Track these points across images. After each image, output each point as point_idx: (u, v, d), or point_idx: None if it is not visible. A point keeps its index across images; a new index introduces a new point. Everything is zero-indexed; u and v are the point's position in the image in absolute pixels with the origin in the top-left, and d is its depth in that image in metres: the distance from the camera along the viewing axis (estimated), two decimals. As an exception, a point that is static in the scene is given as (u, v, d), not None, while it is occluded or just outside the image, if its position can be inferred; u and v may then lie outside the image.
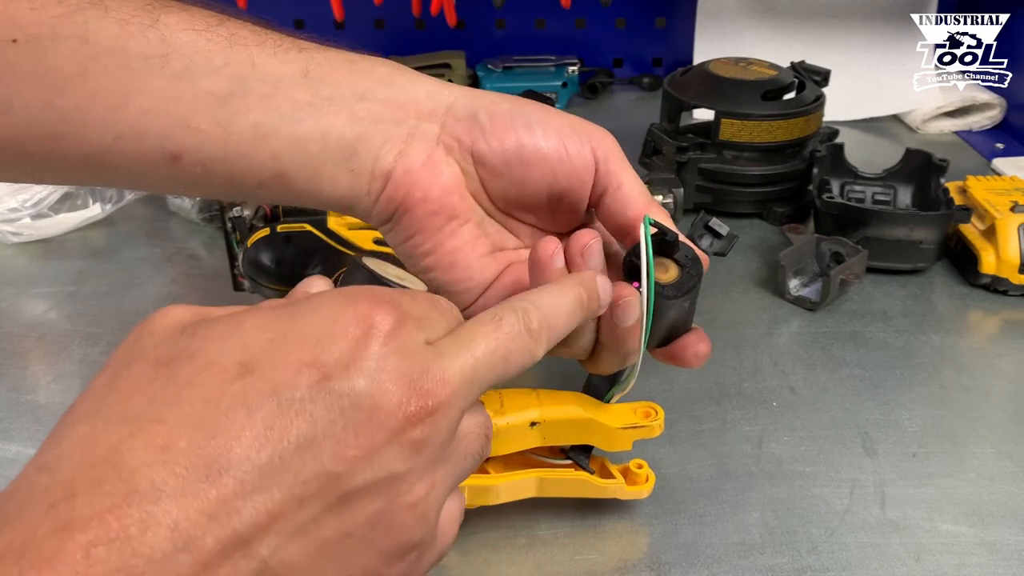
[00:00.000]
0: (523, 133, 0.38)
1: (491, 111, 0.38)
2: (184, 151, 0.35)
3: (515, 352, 0.29)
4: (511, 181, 0.39)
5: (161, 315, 0.27)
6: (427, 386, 0.26)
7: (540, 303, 0.31)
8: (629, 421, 0.43)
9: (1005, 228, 0.66)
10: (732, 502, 0.47)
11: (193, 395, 0.24)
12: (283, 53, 0.36)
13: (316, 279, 0.32)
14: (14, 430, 0.52)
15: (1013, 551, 0.44)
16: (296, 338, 0.25)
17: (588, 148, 0.39)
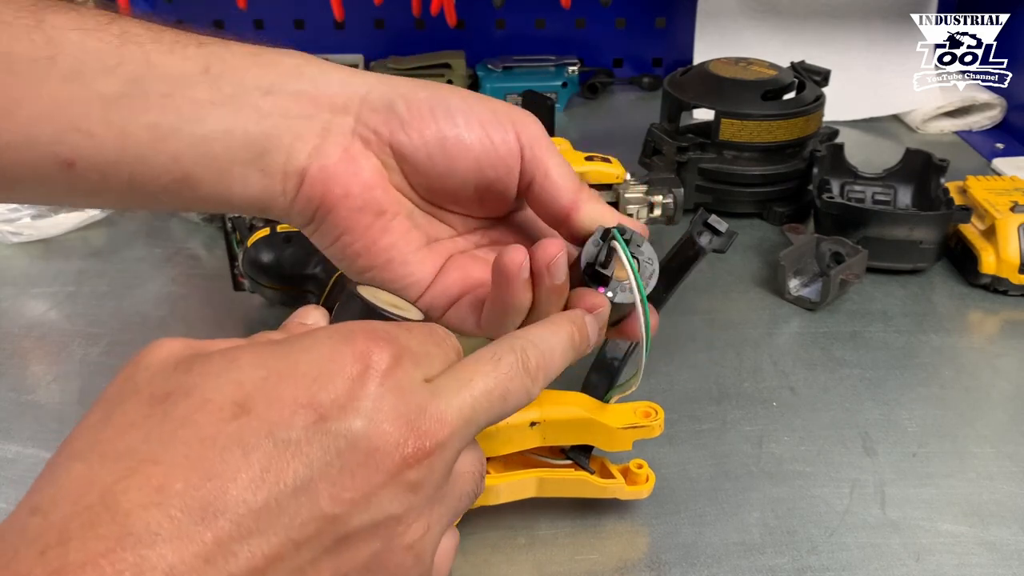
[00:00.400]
0: (444, 123, 0.36)
1: (409, 100, 0.36)
2: (78, 157, 0.33)
3: (513, 392, 0.29)
4: (435, 173, 0.37)
5: (155, 348, 0.27)
6: (424, 426, 0.26)
7: (538, 343, 0.31)
8: (629, 421, 0.43)
9: (1005, 228, 0.66)
10: (732, 502, 0.47)
11: (189, 434, 0.23)
12: (181, 49, 0.35)
13: (312, 309, 0.31)
14: (14, 430, 0.52)
15: (1013, 551, 0.44)
16: (292, 377, 0.25)
17: (512, 135, 0.37)
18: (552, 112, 0.76)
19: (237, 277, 0.62)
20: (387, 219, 0.37)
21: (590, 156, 0.66)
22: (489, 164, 0.37)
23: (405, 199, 0.38)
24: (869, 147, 0.93)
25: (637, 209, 0.66)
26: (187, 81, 0.34)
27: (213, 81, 0.34)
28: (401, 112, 0.36)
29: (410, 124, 0.36)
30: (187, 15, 1.08)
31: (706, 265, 0.70)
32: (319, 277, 0.58)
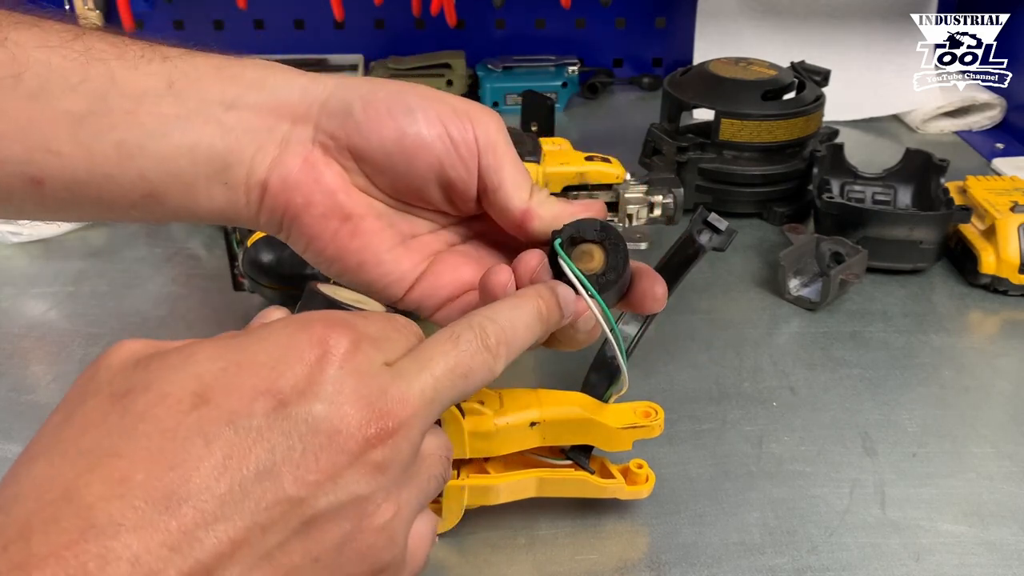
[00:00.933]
0: (403, 120, 0.36)
1: (366, 101, 0.36)
2: (47, 176, 0.33)
3: (475, 369, 0.29)
4: (396, 173, 0.37)
5: (115, 349, 0.27)
6: (386, 407, 0.26)
7: (497, 318, 0.31)
8: (629, 421, 0.43)
9: (1005, 228, 0.66)
10: (732, 502, 0.47)
11: (149, 427, 0.24)
12: (145, 65, 0.35)
13: (273, 309, 0.31)
14: (14, 430, 0.52)
15: (1013, 551, 0.44)
16: (250, 366, 0.25)
17: (471, 134, 0.37)
18: (552, 112, 0.76)
19: (237, 277, 0.62)
20: (355, 222, 0.37)
21: (590, 156, 0.67)
22: (450, 163, 0.37)
23: (374, 200, 0.38)
24: (869, 147, 0.93)
25: (637, 209, 0.66)
26: (152, 97, 0.34)
27: (177, 96, 0.35)
28: (357, 114, 0.36)
29: (366, 125, 0.36)
30: (187, 15, 1.08)
31: (706, 265, 0.71)
32: (319, 277, 0.58)
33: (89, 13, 1.03)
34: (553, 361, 0.59)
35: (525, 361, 0.60)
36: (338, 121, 0.36)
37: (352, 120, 0.36)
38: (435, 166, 0.37)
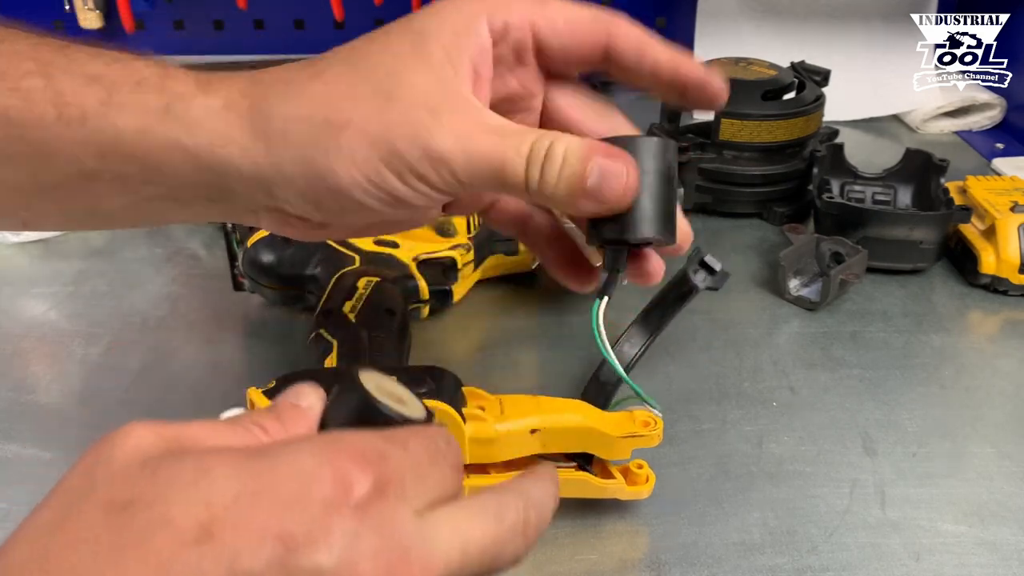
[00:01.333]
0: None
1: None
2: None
3: (506, 554, 0.27)
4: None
5: (122, 437, 0.24)
6: (407, 570, 0.23)
7: (541, 506, 0.29)
8: (628, 430, 0.43)
9: (1005, 228, 0.65)
10: (732, 502, 0.47)
11: (144, 555, 0.21)
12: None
13: (307, 391, 0.29)
14: (14, 430, 0.52)
15: (1013, 551, 0.44)
16: (265, 499, 0.23)
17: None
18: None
19: (237, 277, 0.62)
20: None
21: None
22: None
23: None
24: (869, 147, 0.93)
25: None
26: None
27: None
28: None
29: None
30: (187, 15, 1.08)
31: (706, 265, 0.71)
32: (319, 277, 0.58)
33: (89, 13, 1.03)
34: (554, 367, 0.59)
35: (526, 367, 0.60)
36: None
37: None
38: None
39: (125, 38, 1.05)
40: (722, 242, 0.74)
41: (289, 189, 0.34)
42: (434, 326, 0.62)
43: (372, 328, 0.52)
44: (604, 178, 0.33)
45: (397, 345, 0.53)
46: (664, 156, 0.35)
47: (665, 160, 0.35)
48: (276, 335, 0.61)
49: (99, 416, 0.54)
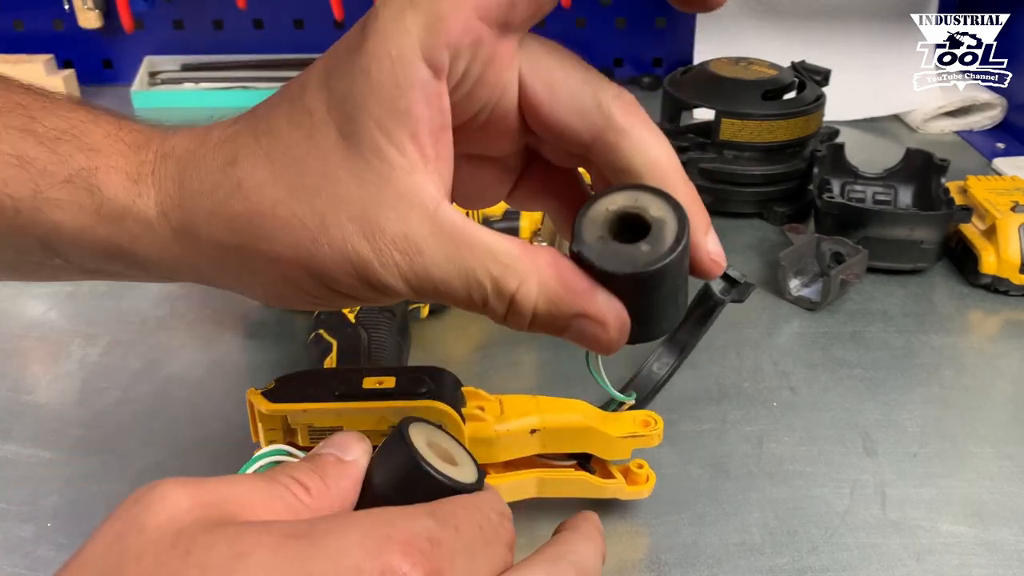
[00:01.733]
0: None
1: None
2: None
3: None
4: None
5: (155, 502, 0.22)
6: None
7: (595, 571, 0.29)
8: (628, 430, 0.43)
9: (1006, 228, 0.65)
10: (732, 502, 0.47)
11: None
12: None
13: (352, 442, 0.27)
14: (14, 430, 0.52)
15: (1013, 551, 0.44)
16: None
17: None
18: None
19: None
20: None
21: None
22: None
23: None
24: (869, 147, 0.93)
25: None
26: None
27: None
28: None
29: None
30: (187, 15, 1.08)
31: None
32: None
33: (88, 13, 1.03)
34: (554, 367, 0.59)
35: (526, 367, 0.60)
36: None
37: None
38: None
39: (125, 37, 1.05)
40: (722, 242, 0.73)
41: (215, 285, 0.31)
42: (434, 326, 0.62)
43: (372, 328, 0.52)
44: (583, 336, 0.28)
45: (397, 345, 0.53)
46: (672, 279, 0.27)
47: (675, 280, 0.28)
48: (276, 335, 0.61)
49: (98, 416, 0.54)
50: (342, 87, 0.26)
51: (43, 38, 1.07)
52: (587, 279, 0.27)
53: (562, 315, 0.27)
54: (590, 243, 0.26)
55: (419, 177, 0.26)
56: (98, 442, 0.51)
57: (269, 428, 0.41)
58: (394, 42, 0.25)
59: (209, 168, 0.28)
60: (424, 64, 0.25)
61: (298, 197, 0.27)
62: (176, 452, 0.50)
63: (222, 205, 0.28)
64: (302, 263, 0.27)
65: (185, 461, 0.50)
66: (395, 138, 0.26)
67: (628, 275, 0.26)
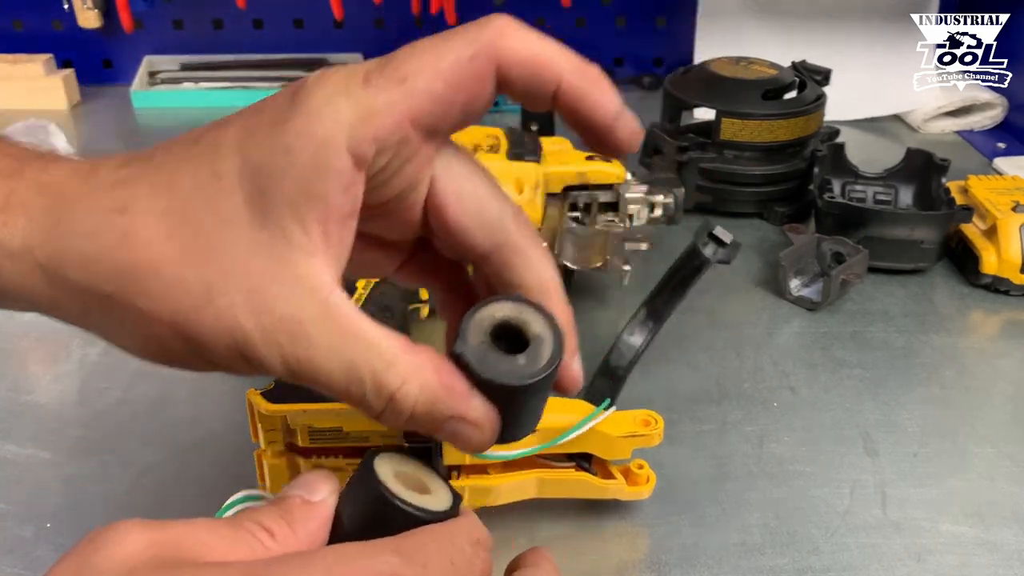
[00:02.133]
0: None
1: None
2: None
3: None
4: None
5: (111, 543, 0.22)
6: None
7: None
8: (629, 430, 0.43)
9: (1006, 228, 0.65)
10: (733, 503, 0.47)
11: None
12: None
13: (319, 482, 0.27)
14: (14, 430, 0.52)
15: (1014, 551, 0.44)
16: None
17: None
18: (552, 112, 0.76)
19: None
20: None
21: (591, 156, 0.66)
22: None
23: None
24: (870, 147, 0.93)
25: (638, 209, 0.65)
26: None
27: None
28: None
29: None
30: (186, 15, 1.08)
31: (706, 265, 0.70)
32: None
33: (88, 13, 1.03)
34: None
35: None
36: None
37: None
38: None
39: (124, 37, 1.05)
40: (722, 242, 0.74)
41: (90, 331, 0.30)
42: (434, 326, 0.62)
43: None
44: (456, 437, 0.27)
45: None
46: (541, 392, 0.28)
47: (543, 394, 0.29)
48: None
49: (98, 416, 0.53)
50: (259, 158, 0.25)
51: (43, 38, 1.07)
52: (465, 383, 0.27)
53: (440, 416, 0.27)
54: (472, 348, 0.27)
55: (318, 261, 0.26)
56: (98, 442, 0.51)
57: (269, 428, 0.41)
58: (322, 126, 0.25)
59: (93, 210, 0.26)
60: (348, 153, 0.25)
61: (189, 260, 0.25)
62: (176, 452, 0.50)
63: (103, 252, 0.26)
64: (179, 328, 0.26)
65: (185, 461, 0.49)
66: (304, 220, 0.25)
67: (504, 385, 0.26)
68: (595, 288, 0.66)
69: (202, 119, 0.28)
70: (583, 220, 0.66)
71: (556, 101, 0.28)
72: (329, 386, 0.26)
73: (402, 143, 0.26)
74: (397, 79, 0.25)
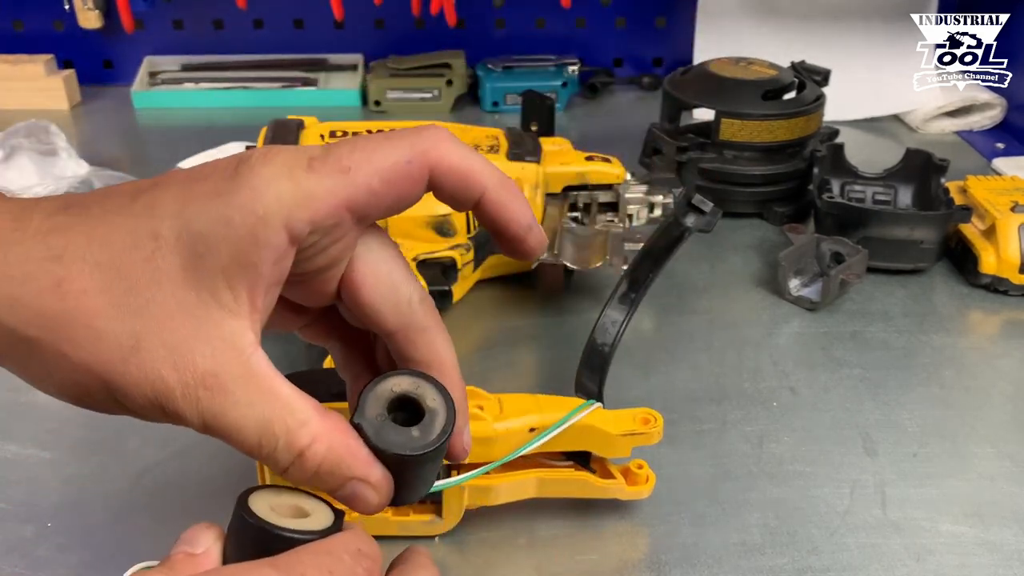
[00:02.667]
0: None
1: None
2: None
3: None
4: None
5: None
6: None
7: None
8: (628, 428, 0.43)
9: (1005, 228, 0.65)
10: (732, 502, 0.47)
11: None
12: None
13: (201, 534, 0.27)
14: (14, 430, 0.52)
15: (1014, 551, 0.44)
16: None
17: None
18: (552, 112, 0.76)
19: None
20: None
21: (590, 156, 0.67)
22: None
23: None
24: (869, 147, 0.93)
25: (637, 209, 0.66)
26: None
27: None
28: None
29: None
30: (187, 15, 1.08)
31: (706, 265, 0.71)
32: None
33: (88, 13, 1.03)
34: (553, 367, 0.59)
35: (525, 367, 0.60)
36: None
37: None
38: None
39: (125, 37, 1.05)
40: (722, 242, 0.74)
41: (12, 372, 0.30)
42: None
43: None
44: (354, 497, 0.29)
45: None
46: (432, 461, 0.30)
47: (434, 463, 0.31)
48: (276, 335, 0.61)
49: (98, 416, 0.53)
50: (199, 225, 0.27)
51: (43, 38, 1.07)
52: (366, 449, 0.29)
53: (342, 476, 0.28)
54: (370, 419, 0.29)
55: (242, 323, 0.27)
56: (98, 442, 0.51)
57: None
58: (263, 203, 0.27)
59: (26, 256, 0.27)
60: (284, 231, 0.27)
61: (120, 314, 0.27)
62: (176, 452, 0.50)
63: (33, 297, 0.27)
64: (103, 377, 0.27)
65: (185, 461, 0.50)
66: (234, 286, 0.27)
67: (397, 455, 0.29)
68: (595, 288, 0.66)
69: (202, 119, 0.28)
70: (583, 220, 0.67)
71: (478, 208, 0.31)
72: (241, 441, 0.27)
73: (335, 227, 0.28)
74: (340, 168, 0.28)
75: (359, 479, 0.29)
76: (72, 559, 0.43)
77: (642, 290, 0.49)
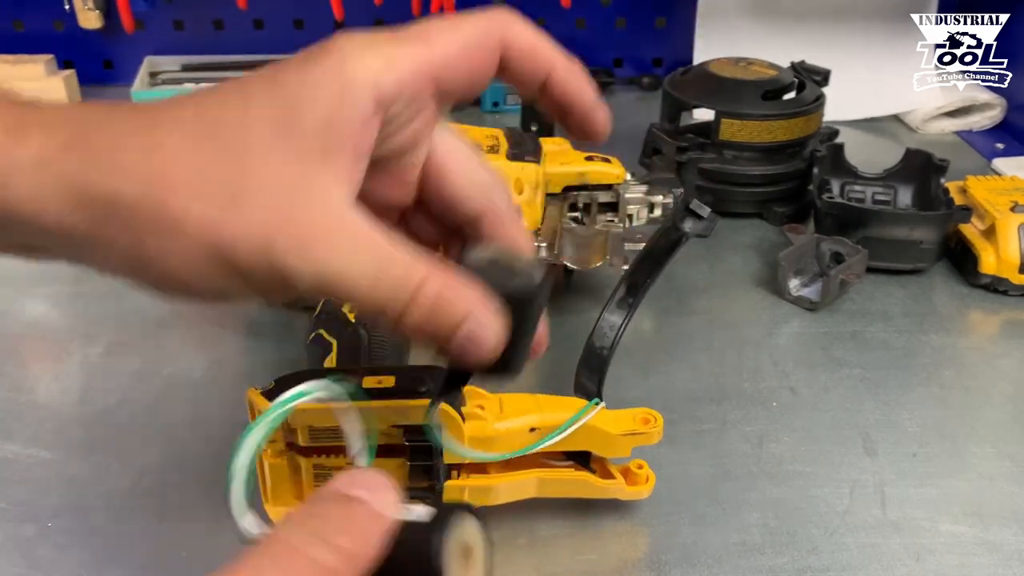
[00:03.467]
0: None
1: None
2: None
3: None
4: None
5: None
6: None
7: None
8: (628, 428, 0.43)
9: (1005, 228, 0.65)
10: (732, 502, 0.47)
11: None
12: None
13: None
14: (14, 430, 0.52)
15: (1014, 551, 0.44)
16: None
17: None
18: (552, 112, 0.76)
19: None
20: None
21: (590, 156, 0.66)
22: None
23: None
24: (869, 147, 0.93)
25: (637, 209, 0.66)
26: None
27: None
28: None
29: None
30: (187, 15, 1.08)
31: (706, 265, 0.71)
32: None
33: (89, 13, 1.03)
34: (553, 367, 0.59)
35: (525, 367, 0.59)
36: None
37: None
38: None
39: (125, 38, 1.05)
40: (722, 242, 0.74)
41: (107, 266, 0.30)
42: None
43: (372, 328, 0.52)
44: (470, 339, 0.29)
45: (397, 345, 0.53)
46: (539, 307, 0.31)
47: (539, 309, 0.31)
48: (276, 335, 0.61)
49: (98, 416, 0.54)
50: (290, 89, 0.28)
51: (43, 38, 1.07)
52: (478, 285, 0.29)
53: (457, 312, 0.28)
54: (480, 257, 0.30)
55: (338, 179, 0.28)
56: (98, 442, 0.51)
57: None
58: (351, 66, 0.28)
59: (123, 128, 0.28)
60: (372, 92, 0.28)
61: (216, 169, 0.27)
62: (176, 452, 0.50)
63: (131, 160, 0.27)
64: (206, 234, 0.27)
65: (185, 461, 0.50)
66: (327, 145, 0.27)
67: (508, 292, 0.29)
68: (594, 288, 0.66)
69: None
70: (583, 220, 0.66)
71: (545, 86, 0.32)
72: (353, 288, 0.27)
73: (415, 95, 0.29)
74: (421, 39, 0.29)
75: (475, 314, 0.28)
76: (72, 559, 0.43)
77: (640, 294, 0.50)
